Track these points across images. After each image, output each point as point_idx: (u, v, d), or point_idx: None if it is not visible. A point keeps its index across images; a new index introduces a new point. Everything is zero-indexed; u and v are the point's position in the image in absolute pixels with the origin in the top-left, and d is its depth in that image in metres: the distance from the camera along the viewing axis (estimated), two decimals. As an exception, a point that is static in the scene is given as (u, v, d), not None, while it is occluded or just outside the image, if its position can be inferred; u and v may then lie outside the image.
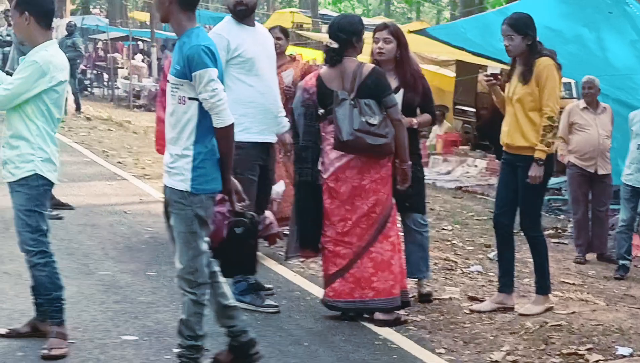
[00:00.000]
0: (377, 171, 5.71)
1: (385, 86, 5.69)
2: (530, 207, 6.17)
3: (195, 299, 4.51)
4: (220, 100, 4.31)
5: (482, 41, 12.07)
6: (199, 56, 4.29)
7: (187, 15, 4.46)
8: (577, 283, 7.59)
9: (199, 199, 4.42)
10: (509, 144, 6.09)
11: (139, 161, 12.87)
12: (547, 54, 6.02)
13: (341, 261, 5.75)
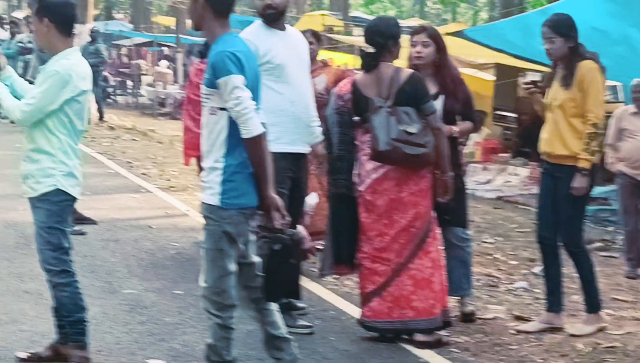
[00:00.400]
0: (416, 183, 5.57)
1: (424, 92, 5.55)
2: (571, 220, 5.96)
3: (221, 323, 4.39)
4: (246, 108, 4.18)
5: (524, 43, 11.91)
6: (222, 62, 4.19)
7: (220, 22, 4.37)
8: (629, 300, 7.36)
9: (228, 214, 4.30)
10: (549, 153, 5.91)
11: (164, 173, 12.78)
12: (590, 56, 5.83)
13: (379, 278, 5.62)
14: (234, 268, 4.37)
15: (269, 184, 4.33)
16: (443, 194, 5.68)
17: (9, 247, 7.71)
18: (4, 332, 5.51)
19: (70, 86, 4.72)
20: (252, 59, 4.40)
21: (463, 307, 6.18)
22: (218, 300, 4.37)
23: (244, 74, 4.23)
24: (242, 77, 4.20)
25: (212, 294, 4.38)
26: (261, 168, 4.29)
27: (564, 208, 5.86)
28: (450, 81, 5.97)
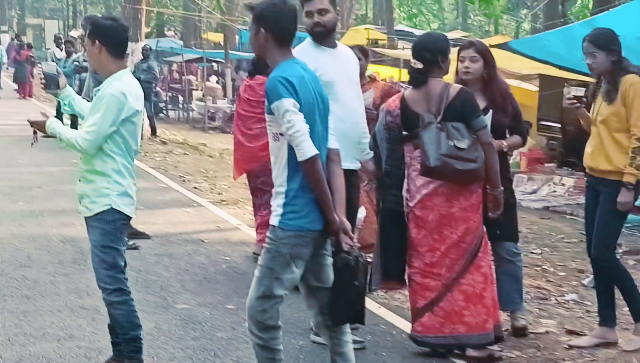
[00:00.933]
0: (466, 198, 5.42)
1: (473, 108, 5.41)
2: (608, 235, 5.70)
3: (262, 343, 4.30)
4: (297, 131, 4.09)
5: (569, 54, 11.73)
6: (274, 87, 4.13)
7: (281, 50, 4.32)
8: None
9: (286, 235, 4.21)
10: (592, 168, 5.72)
11: (215, 187, 12.73)
12: (634, 70, 5.60)
13: (430, 294, 5.48)
14: (281, 293, 4.27)
15: (330, 207, 4.22)
16: (494, 208, 5.54)
17: (66, 263, 7.69)
18: (62, 348, 5.48)
19: (125, 107, 4.68)
20: (309, 83, 4.28)
21: (515, 321, 6.00)
22: (260, 320, 4.28)
23: (297, 98, 4.14)
24: (292, 101, 4.11)
25: (255, 312, 4.29)
26: (318, 190, 4.19)
27: (603, 222, 5.65)
28: (499, 95, 5.83)
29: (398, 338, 5.91)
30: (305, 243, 4.23)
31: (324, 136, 4.34)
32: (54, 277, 7.04)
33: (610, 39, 5.59)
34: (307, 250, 4.25)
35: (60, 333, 5.75)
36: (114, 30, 4.82)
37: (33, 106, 25.55)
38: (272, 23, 4.25)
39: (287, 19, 4.28)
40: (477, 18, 41.70)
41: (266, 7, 4.28)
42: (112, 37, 4.80)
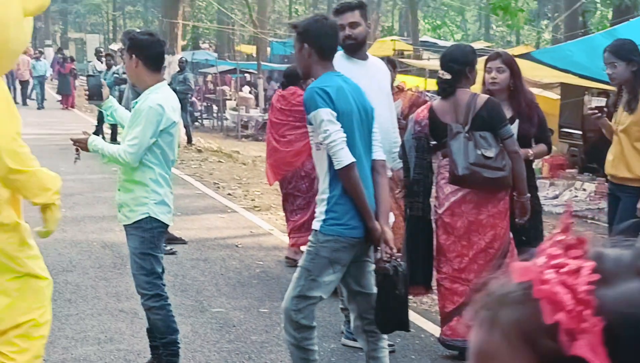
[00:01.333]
0: (494, 205, 5.32)
1: (501, 117, 5.30)
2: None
3: (295, 343, 4.25)
4: (334, 141, 4.04)
5: (590, 63, 11.60)
6: (311, 98, 4.10)
7: (323, 65, 4.28)
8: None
9: (326, 239, 4.17)
10: (613, 175, 5.62)
11: (249, 193, 12.69)
12: None
13: (458, 298, 5.38)
14: (317, 295, 4.20)
15: (369, 215, 4.16)
16: (521, 215, 5.43)
17: (106, 267, 7.68)
18: (102, 351, 5.46)
19: (163, 119, 4.65)
20: (349, 94, 4.21)
21: (540, 325, 5.89)
22: (294, 319, 4.23)
23: (333, 107, 4.08)
24: (329, 110, 4.06)
25: (290, 311, 4.24)
26: (356, 197, 4.14)
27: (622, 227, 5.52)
28: (525, 105, 5.72)
29: (427, 342, 5.82)
30: (344, 248, 4.17)
31: (367, 145, 4.28)
32: (95, 281, 7.03)
33: (631, 49, 5.47)
34: (346, 255, 4.18)
35: (101, 336, 5.74)
36: (150, 45, 4.80)
37: (75, 117, 25.83)
38: (315, 38, 4.23)
39: (328, 34, 4.26)
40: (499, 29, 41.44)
41: (309, 23, 4.27)
42: (148, 52, 4.77)
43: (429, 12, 40.19)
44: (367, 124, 4.30)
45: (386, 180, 4.32)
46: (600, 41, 12.15)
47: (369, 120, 4.32)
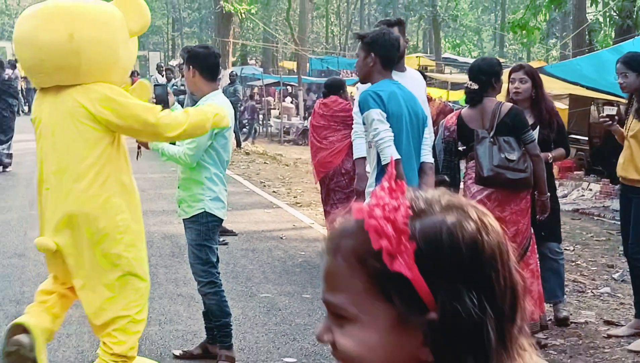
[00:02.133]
0: (517, 204, 5.13)
1: (523, 124, 5.11)
2: None
3: None
4: (382, 139, 3.92)
5: (597, 76, 11.37)
6: (365, 100, 3.98)
7: (384, 72, 4.18)
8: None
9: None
10: (623, 177, 5.35)
11: (291, 191, 12.57)
12: None
13: (483, 287, 5.20)
14: None
15: None
16: (541, 213, 5.24)
17: (166, 256, 7.58)
18: (163, 331, 5.35)
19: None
20: (401, 99, 4.07)
21: (557, 313, 5.67)
22: None
23: (384, 108, 3.95)
24: (379, 111, 3.94)
25: None
26: None
27: (637, 226, 5.25)
28: (545, 112, 5.52)
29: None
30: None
31: (416, 147, 4.12)
32: (156, 269, 6.91)
33: None
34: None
35: (161, 317, 5.64)
36: (205, 56, 4.71)
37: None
38: (380, 49, 4.12)
39: (393, 47, 4.16)
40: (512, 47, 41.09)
41: (377, 35, 4.15)
42: (204, 62, 4.68)
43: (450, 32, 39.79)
44: (418, 128, 4.15)
45: (432, 180, 4.16)
46: (606, 57, 11.88)
47: (420, 125, 4.16)
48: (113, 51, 3.89)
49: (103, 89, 3.83)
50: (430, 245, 0.98)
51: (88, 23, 3.83)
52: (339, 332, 1.04)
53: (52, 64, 3.79)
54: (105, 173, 3.87)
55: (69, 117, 3.80)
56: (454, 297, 0.97)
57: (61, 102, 3.82)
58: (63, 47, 3.75)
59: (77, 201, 3.82)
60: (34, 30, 3.83)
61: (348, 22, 44.63)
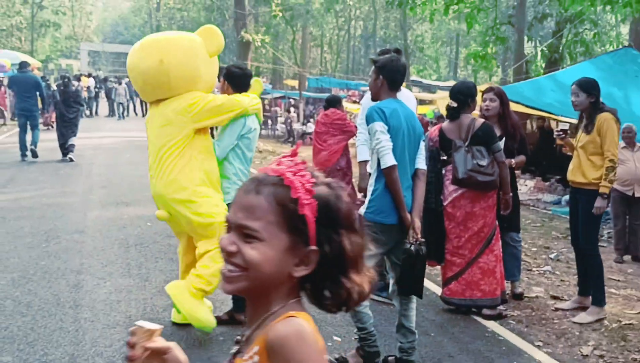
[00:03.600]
0: (485, 201, 4.80)
1: (493, 136, 4.78)
2: (588, 231, 4.94)
3: None
4: (382, 147, 3.60)
5: (535, 97, 11.06)
6: (370, 114, 3.66)
7: (390, 92, 3.80)
8: (621, 279, 6.43)
9: (366, 224, 3.67)
10: (573, 181, 5.02)
11: (295, 181, 12.21)
12: (608, 110, 4.88)
13: (456, 268, 4.88)
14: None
15: (402, 207, 3.65)
16: (505, 209, 4.91)
17: (197, 234, 7.20)
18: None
19: (244, 127, 4.20)
20: (401, 115, 3.72)
21: (515, 289, 5.36)
22: None
23: (386, 122, 3.63)
24: (382, 124, 3.62)
25: None
26: (393, 192, 3.65)
27: (583, 221, 4.93)
28: (510, 126, 5.18)
29: (431, 298, 5.29)
30: (381, 231, 3.66)
31: (411, 156, 3.76)
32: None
33: (592, 85, 4.89)
34: (382, 237, 3.67)
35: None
36: (240, 75, 4.43)
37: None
38: (389, 73, 3.75)
39: (399, 72, 3.77)
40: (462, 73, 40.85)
41: (387, 61, 3.78)
42: (240, 80, 4.40)
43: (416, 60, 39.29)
44: (415, 141, 3.79)
45: (423, 184, 3.80)
46: (543, 82, 11.58)
47: (416, 138, 3.80)
48: (194, 68, 3.99)
49: (185, 100, 3.95)
50: (323, 204, 1.15)
51: (174, 50, 3.96)
52: (247, 246, 1.14)
53: (150, 83, 3.97)
54: (186, 157, 3.95)
55: (161, 121, 3.96)
56: (327, 238, 1.15)
57: (158, 113, 4.00)
58: (156, 70, 3.91)
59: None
60: (137, 60, 4.00)
61: (337, 51, 44.17)
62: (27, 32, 40.96)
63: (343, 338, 4.25)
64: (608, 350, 4.30)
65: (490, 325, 4.69)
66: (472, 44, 26.46)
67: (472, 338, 4.40)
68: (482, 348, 4.23)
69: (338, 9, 36.56)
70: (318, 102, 25.58)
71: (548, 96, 11.16)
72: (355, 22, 42.72)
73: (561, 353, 4.25)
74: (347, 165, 7.68)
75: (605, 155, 4.78)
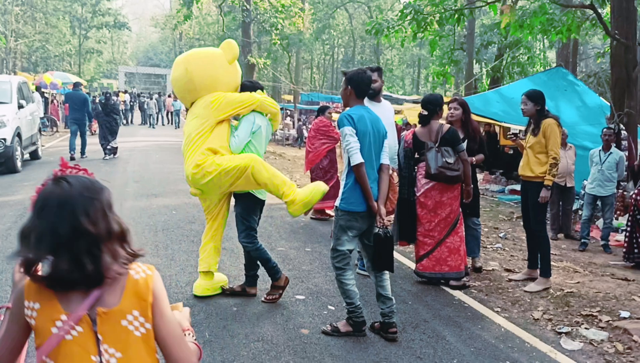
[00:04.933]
0: (452, 192, 4.57)
1: (458, 139, 4.55)
2: (538, 215, 4.72)
3: (336, 277, 3.52)
4: (351, 148, 3.36)
5: (483, 108, 10.82)
6: (341, 119, 3.40)
7: (357, 100, 3.53)
8: (557, 254, 6.24)
9: (342, 213, 3.44)
10: (523, 175, 4.80)
11: (292, 177, 11.88)
12: (552, 116, 4.66)
13: (427, 247, 4.65)
14: (345, 247, 3.46)
15: (369, 197, 3.40)
16: (467, 198, 4.69)
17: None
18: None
19: (254, 124, 3.97)
20: (367, 120, 3.46)
21: (475, 264, 5.15)
22: (332, 263, 3.55)
23: (354, 126, 3.38)
24: (350, 128, 3.37)
25: (330, 258, 3.54)
26: (362, 185, 3.40)
27: (532, 208, 4.72)
28: (472, 130, 4.95)
29: (407, 272, 5.07)
30: (354, 219, 3.43)
31: (376, 153, 3.50)
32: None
33: (539, 96, 4.67)
34: (356, 223, 3.44)
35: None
36: (251, 88, 4.14)
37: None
38: (354, 83, 3.48)
39: (364, 82, 3.50)
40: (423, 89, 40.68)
41: (354, 73, 3.52)
42: (251, 91, 4.10)
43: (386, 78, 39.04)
44: (379, 140, 3.53)
45: (386, 176, 3.53)
46: (490, 95, 11.36)
47: (380, 138, 3.54)
48: (214, 73, 3.92)
49: (208, 97, 3.88)
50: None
51: (195, 60, 3.94)
52: None
53: (181, 89, 3.97)
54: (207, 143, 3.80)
55: (191, 116, 3.89)
56: (101, 221, 1.26)
57: (190, 112, 3.93)
58: (183, 78, 3.90)
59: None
60: (173, 73, 4.02)
61: (324, 71, 43.81)
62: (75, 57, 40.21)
63: (336, 307, 4.02)
64: (555, 314, 4.10)
65: (456, 294, 4.47)
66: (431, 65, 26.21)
67: (443, 306, 4.18)
68: (452, 314, 4.01)
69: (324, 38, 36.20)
70: (309, 113, 25.24)
71: (494, 106, 10.96)
72: (337, 49, 42.36)
73: (516, 317, 4.05)
74: (329, 165, 7.37)
75: (549, 154, 4.57)
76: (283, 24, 23.55)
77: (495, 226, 7.72)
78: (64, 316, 1.16)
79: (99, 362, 1.16)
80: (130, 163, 11.98)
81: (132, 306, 1.20)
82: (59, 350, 1.15)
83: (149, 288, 1.24)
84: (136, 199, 7.90)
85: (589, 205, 6.85)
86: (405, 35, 8.99)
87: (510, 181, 12.08)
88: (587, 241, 6.77)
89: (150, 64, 58.65)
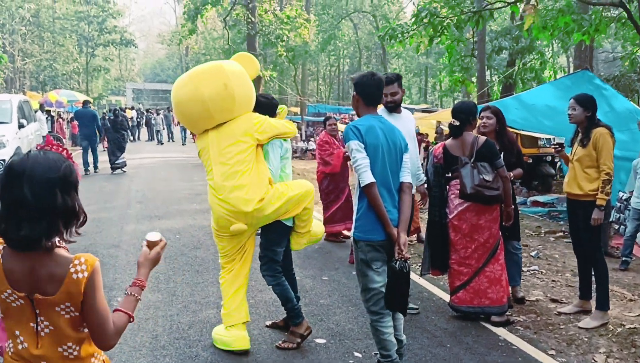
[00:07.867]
0: (490, 214, 3.96)
1: (496, 153, 3.94)
2: (592, 239, 4.07)
3: (371, 322, 2.90)
4: (359, 165, 2.75)
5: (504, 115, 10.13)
6: (346, 132, 2.81)
7: (367, 108, 2.93)
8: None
9: (360, 245, 2.83)
10: (569, 192, 4.15)
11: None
12: (603, 125, 4.02)
13: (464, 277, 4.03)
14: (373, 285, 2.84)
15: (387, 223, 2.77)
16: (507, 220, 4.07)
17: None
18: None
19: (282, 148, 3.54)
20: (379, 131, 2.86)
21: (516, 294, 4.49)
22: (365, 306, 2.91)
23: (362, 140, 2.78)
24: (357, 142, 2.77)
25: (363, 300, 2.91)
26: (376, 208, 2.78)
27: (585, 231, 4.07)
28: (507, 141, 4.35)
29: (439, 305, 4.43)
30: (374, 248, 2.81)
31: (393, 170, 2.87)
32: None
33: (589, 101, 4.05)
34: (377, 253, 2.82)
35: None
36: (267, 104, 3.64)
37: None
38: (362, 89, 2.90)
39: (372, 87, 2.89)
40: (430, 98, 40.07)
41: (359, 78, 2.93)
42: (265, 109, 3.58)
43: (392, 89, 38.49)
44: (396, 155, 2.89)
45: (409, 198, 2.88)
46: (509, 102, 10.70)
47: (398, 152, 2.90)
48: (250, 90, 3.42)
49: (249, 120, 3.34)
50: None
51: (232, 74, 3.34)
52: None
53: (216, 108, 3.27)
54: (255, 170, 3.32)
55: (229, 141, 3.28)
56: (48, 195, 1.39)
57: (223, 135, 3.29)
58: (222, 94, 3.27)
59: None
60: (195, 90, 3.28)
61: (330, 83, 43.41)
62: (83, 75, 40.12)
63: (363, 354, 3.40)
64: (620, 357, 3.45)
65: (501, 333, 3.83)
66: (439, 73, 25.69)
67: (487, 349, 3.54)
68: (500, 360, 3.38)
69: (330, 49, 35.78)
70: (316, 125, 24.73)
71: (512, 113, 10.33)
72: (343, 60, 41.95)
73: (575, 362, 3.40)
74: (330, 185, 6.70)
75: (601, 168, 3.94)
76: (288, 35, 23.10)
77: (523, 243, 7.06)
78: (9, 291, 1.46)
79: (35, 329, 1.47)
80: (134, 181, 11.47)
81: (65, 300, 1.44)
82: (7, 310, 1.48)
83: (82, 288, 1.43)
84: (138, 223, 7.34)
85: (635, 221, 6.16)
86: (421, 41, 8.42)
87: (532, 191, 11.42)
88: (629, 260, 6.09)
89: (158, 81, 58.65)
